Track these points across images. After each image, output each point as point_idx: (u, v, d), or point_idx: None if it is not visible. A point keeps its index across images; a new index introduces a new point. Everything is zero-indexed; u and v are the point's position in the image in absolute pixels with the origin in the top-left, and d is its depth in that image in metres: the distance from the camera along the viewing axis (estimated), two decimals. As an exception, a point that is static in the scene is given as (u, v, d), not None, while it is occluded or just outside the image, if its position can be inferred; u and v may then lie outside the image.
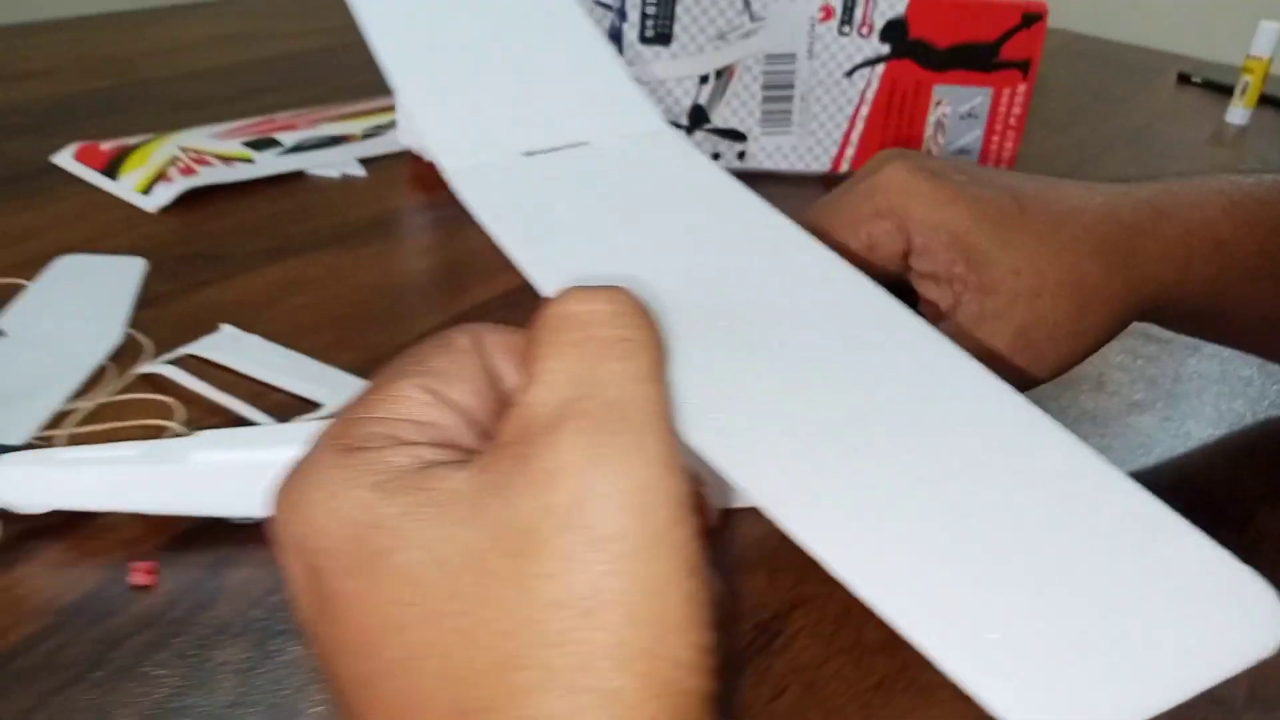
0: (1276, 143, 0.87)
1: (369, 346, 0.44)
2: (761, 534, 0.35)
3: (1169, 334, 0.47)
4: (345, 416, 0.21)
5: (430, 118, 0.26)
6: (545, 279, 0.24)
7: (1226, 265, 0.38)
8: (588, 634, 0.17)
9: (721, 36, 0.62)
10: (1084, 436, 0.39)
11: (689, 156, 0.27)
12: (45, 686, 0.28)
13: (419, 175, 0.62)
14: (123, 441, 0.33)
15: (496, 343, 0.22)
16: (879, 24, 0.63)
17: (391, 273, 0.51)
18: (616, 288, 0.21)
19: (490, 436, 0.20)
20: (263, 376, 0.40)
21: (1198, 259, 0.37)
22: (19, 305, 0.44)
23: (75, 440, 0.36)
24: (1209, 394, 0.46)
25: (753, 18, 0.62)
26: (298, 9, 0.99)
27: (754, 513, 0.20)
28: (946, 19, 0.64)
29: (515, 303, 0.48)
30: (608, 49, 0.28)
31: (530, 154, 0.26)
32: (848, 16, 0.63)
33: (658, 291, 0.23)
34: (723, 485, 0.21)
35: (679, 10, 0.61)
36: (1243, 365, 0.48)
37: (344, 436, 0.20)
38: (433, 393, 0.21)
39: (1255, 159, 0.83)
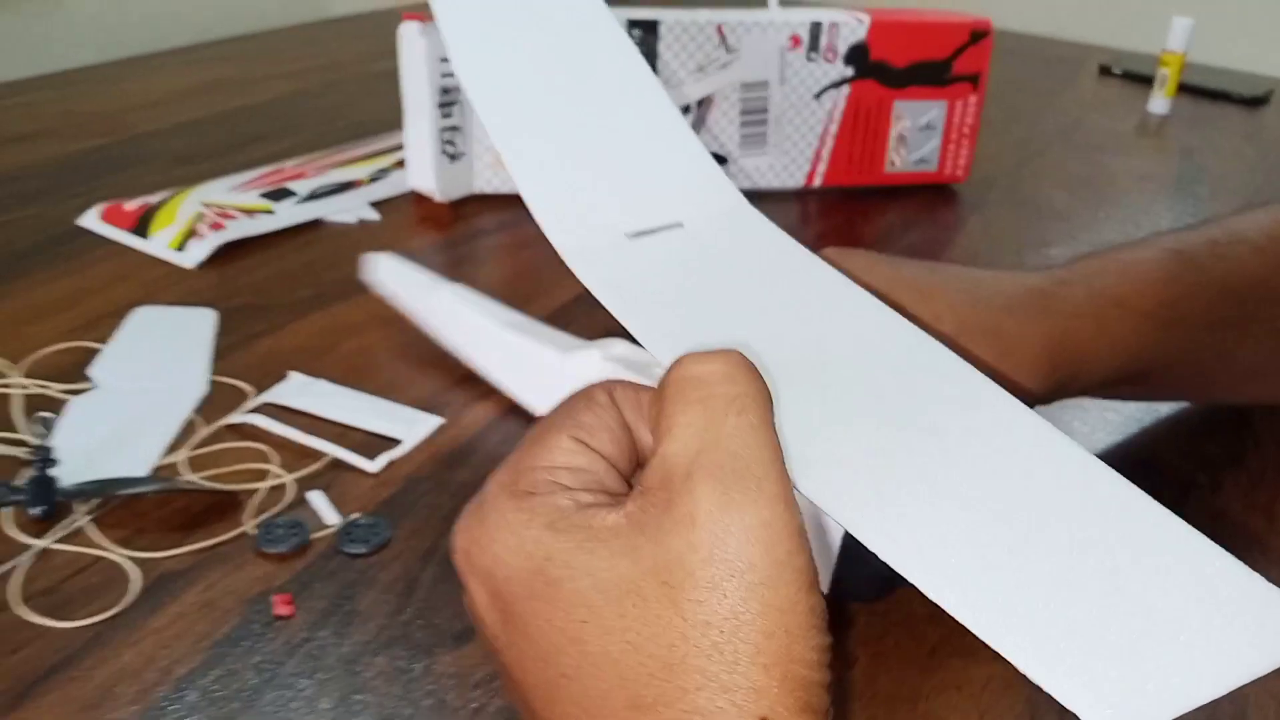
0: (1196, 129, 0.94)
1: (426, 383, 0.48)
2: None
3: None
4: (513, 465, 0.25)
5: (539, 200, 0.30)
6: (661, 348, 0.28)
7: (1135, 323, 0.41)
8: (733, 646, 0.22)
9: (700, 69, 0.67)
10: (1069, 422, 0.45)
11: (767, 230, 0.32)
12: (216, 715, 0.32)
13: (428, 215, 0.66)
14: None
15: (627, 398, 0.27)
16: (842, 49, 0.69)
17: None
18: (728, 351, 0.25)
19: (626, 477, 0.25)
20: (341, 419, 0.44)
21: (1109, 318, 0.41)
22: (106, 356, 0.48)
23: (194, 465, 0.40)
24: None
25: (728, 50, 0.67)
26: (263, 53, 1.02)
27: None
28: (903, 40, 0.70)
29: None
30: (683, 123, 0.33)
31: (633, 235, 0.30)
32: (814, 44, 0.68)
33: (756, 354, 0.27)
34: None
35: (660, 47, 0.66)
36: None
37: (515, 483, 0.25)
38: (582, 442, 0.26)
39: (1179, 145, 0.90)
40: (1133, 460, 0.47)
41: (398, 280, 0.49)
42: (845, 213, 0.72)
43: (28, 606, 0.35)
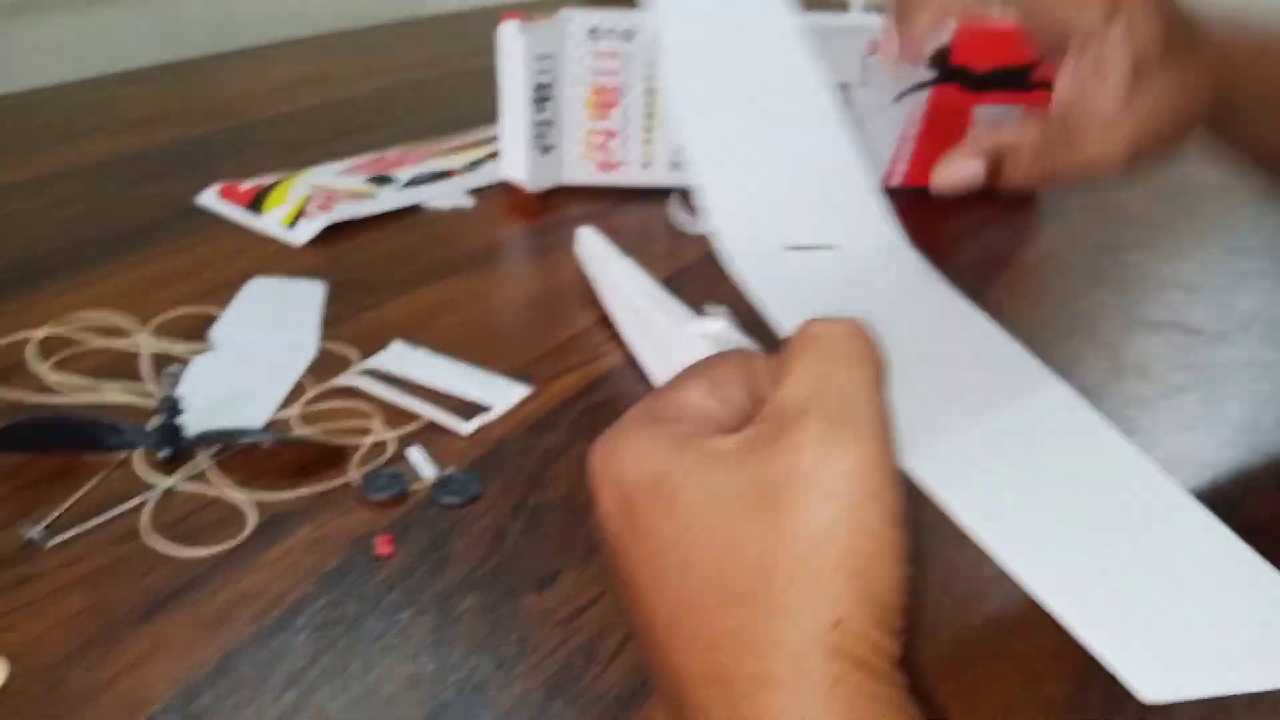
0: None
1: (517, 355, 0.51)
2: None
3: (1203, 325, 0.54)
4: (651, 398, 0.30)
5: (716, 208, 0.33)
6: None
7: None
8: (819, 557, 0.25)
9: (786, 70, 0.70)
10: (1135, 419, 0.47)
11: (915, 264, 0.35)
12: (323, 638, 0.35)
13: (518, 205, 0.69)
14: None
15: (760, 361, 0.30)
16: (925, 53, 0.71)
17: (519, 291, 0.58)
18: (851, 317, 0.28)
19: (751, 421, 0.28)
20: (438, 385, 0.48)
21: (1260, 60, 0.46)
22: (224, 320, 0.52)
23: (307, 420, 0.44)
24: (1242, 376, 0.53)
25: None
26: (370, 48, 1.07)
27: None
28: (986, 46, 0.71)
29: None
30: (857, 155, 0.36)
31: (791, 249, 0.33)
32: (897, 48, 0.70)
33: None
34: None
35: (748, 48, 0.68)
36: (1269, 350, 0.55)
37: (650, 412, 0.29)
38: (713, 390, 0.29)
39: None
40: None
41: (587, 248, 0.54)
42: (922, 212, 0.73)
43: (156, 537, 0.39)
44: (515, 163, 0.69)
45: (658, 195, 0.69)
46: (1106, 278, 0.64)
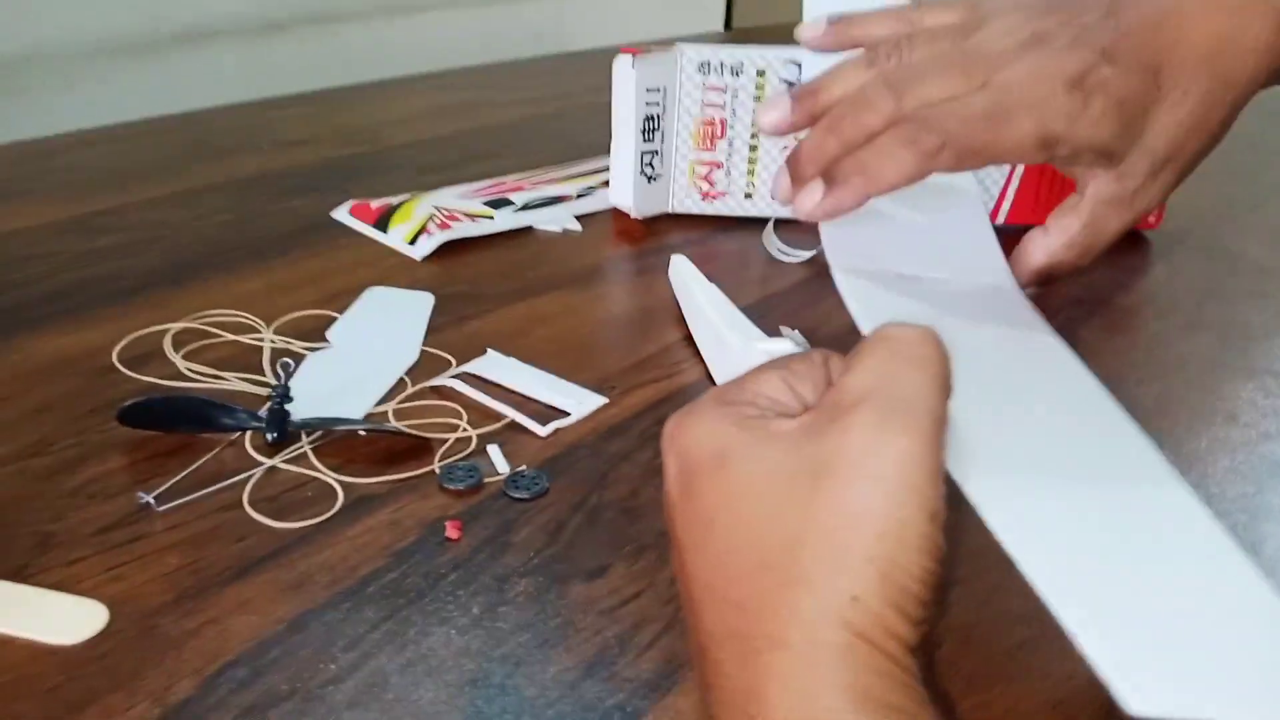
0: None
1: (600, 368, 0.54)
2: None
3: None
4: (727, 384, 0.32)
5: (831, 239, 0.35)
6: None
7: None
8: (849, 535, 0.27)
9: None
10: (1216, 462, 0.47)
11: (1018, 308, 0.36)
12: (387, 607, 0.38)
13: (624, 230, 0.72)
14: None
15: (835, 360, 0.33)
16: (1034, 94, 0.71)
17: (611, 309, 0.62)
18: (924, 326, 0.30)
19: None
20: (523, 390, 0.51)
21: None
22: (341, 323, 0.57)
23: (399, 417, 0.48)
24: (1334, 425, 0.52)
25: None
26: (505, 81, 1.13)
27: None
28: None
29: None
30: (986, 220, 0.38)
31: (900, 275, 0.35)
32: (1006, 88, 0.71)
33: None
34: None
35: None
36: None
37: (723, 395, 0.31)
38: (787, 382, 0.31)
39: None
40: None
41: (677, 272, 0.58)
42: (1027, 253, 0.73)
43: (253, 508, 0.43)
44: (622, 190, 0.72)
45: (758, 225, 0.71)
46: (1208, 324, 0.63)
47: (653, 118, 0.70)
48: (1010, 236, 0.75)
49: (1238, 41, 0.42)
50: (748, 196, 0.72)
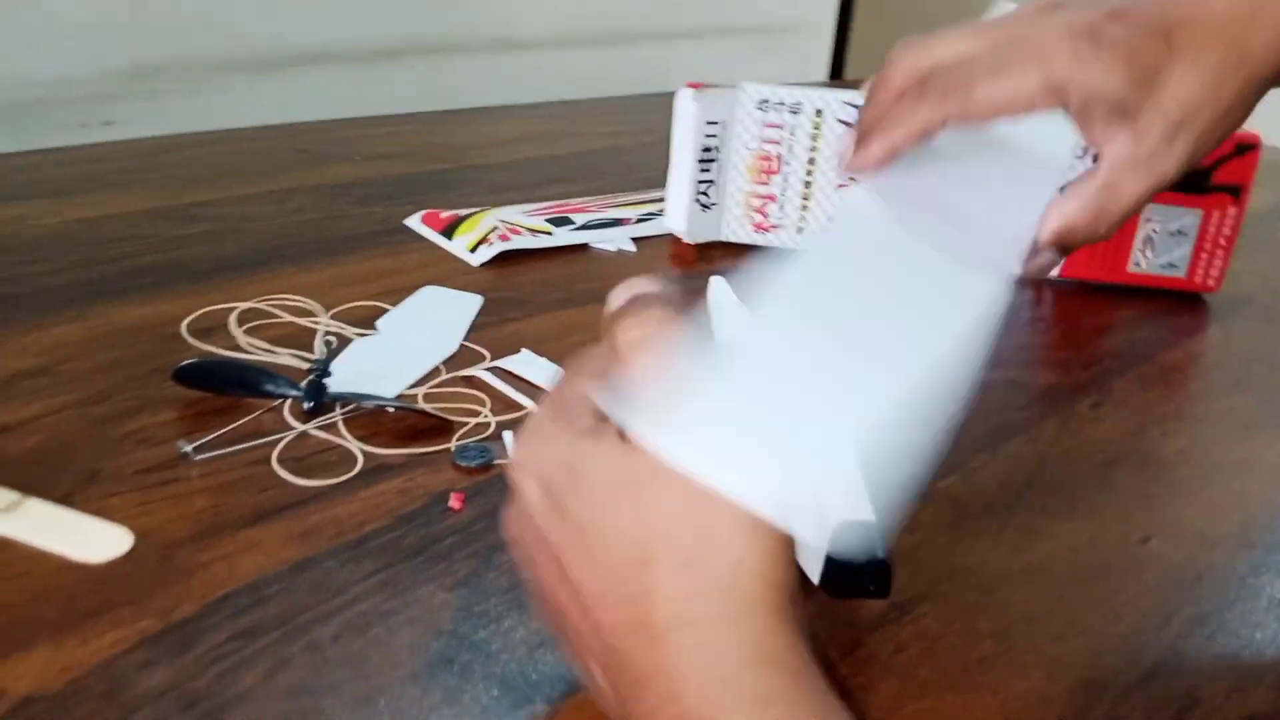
0: None
1: (626, 374, 0.56)
2: (913, 542, 0.44)
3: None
4: (551, 399, 0.34)
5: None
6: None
7: None
8: (718, 512, 0.29)
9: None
10: (1219, 505, 0.47)
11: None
12: (384, 561, 0.41)
13: (677, 254, 0.75)
14: None
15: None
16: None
17: (649, 324, 0.64)
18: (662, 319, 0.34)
19: None
20: (545, 386, 0.54)
21: None
22: (392, 314, 0.61)
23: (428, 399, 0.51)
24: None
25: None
26: (590, 115, 1.17)
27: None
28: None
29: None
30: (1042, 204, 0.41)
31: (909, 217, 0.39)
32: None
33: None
34: None
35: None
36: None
37: (554, 411, 0.33)
38: (594, 379, 0.33)
39: None
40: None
41: (713, 293, 0.60)
42: (1078, 303, 0.73)
43: (280, 466, 0.46)
44: (677, 215, 0.75)
45: (808, 258, 0.73)
46: (1250, 384, 0.63)
47: (710, 149, 0.73)
48: (1065, 291, 0.75)
49: (1258, 16, 0.42)
50: (800, 230, 0.74)
